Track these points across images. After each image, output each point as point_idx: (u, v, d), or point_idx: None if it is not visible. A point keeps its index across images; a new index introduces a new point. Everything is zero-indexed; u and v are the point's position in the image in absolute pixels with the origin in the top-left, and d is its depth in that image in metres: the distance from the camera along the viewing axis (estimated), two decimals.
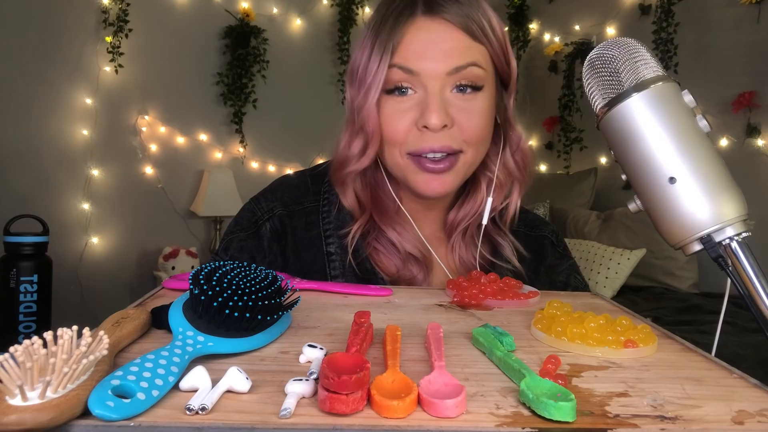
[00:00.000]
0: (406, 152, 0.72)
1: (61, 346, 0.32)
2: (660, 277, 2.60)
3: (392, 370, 0.38)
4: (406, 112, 0.71)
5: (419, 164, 0.71)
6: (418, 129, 0.70)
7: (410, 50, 0.70)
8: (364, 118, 0.72)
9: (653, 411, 0.35)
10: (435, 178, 0.72)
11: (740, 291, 0.47)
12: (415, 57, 0.69)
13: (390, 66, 0.70)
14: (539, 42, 3.80)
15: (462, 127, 0.71)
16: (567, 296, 0.72)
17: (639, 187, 0.51)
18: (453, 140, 0.70)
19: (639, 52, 0.51)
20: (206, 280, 0.43)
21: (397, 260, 0.78)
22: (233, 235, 0.80)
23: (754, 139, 2.52)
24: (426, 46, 0.70)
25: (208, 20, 3.19)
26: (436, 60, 0.69)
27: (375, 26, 0.73)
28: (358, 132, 0.74)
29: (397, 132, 0.71)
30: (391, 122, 0.71)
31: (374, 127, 0.72)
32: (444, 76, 0.69)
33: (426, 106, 0.69)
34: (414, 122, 0.70)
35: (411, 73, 0.70)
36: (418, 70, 0.69)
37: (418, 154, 0.71)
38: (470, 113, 0.71)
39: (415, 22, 0.70)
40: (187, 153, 3.21)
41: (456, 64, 0.69)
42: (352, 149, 0.75)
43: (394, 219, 0.78)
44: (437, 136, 0.69)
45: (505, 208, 0.81)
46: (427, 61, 0.69)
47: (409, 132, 0.71)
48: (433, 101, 0.69)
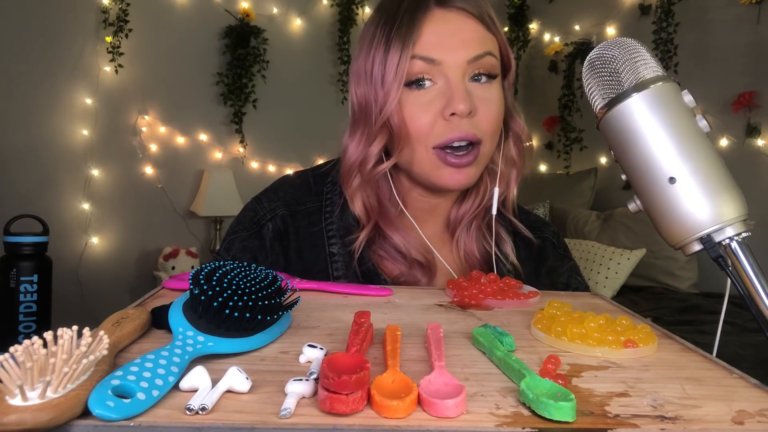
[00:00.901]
0: (433, 146, 0.71)
1: (61, 346, 0.32)
2: (660, 277, 2.60)
3: (392, 370, 0.38)
4: (429, 104, 0.71)
5: (444, 160, 0.71)
6: (444, 119, 0.70)
7: (430, 42, 0.70)
8: (387, 115, 0.71)
9: (653, 411, 0.35)
10: (459, 172, 0.72)
11: (740, 291, 0.47)
12: (435, 47, 0.70)
13: (411, 57, 0.70)
14: (539, 42, 3.80)
15: (482, 116, 0.71)
16: (567, 296, 0.72)
17: (639, 187, 0.51)
18: (477, 129, 0.71)
19: (639, 53, 0.51)
20: (206, 280, 0.43)
21: (402, 266, 0.78)
22: (235, 234, 0.80)
23: (754, 139, 2.52)
24: (445, 37, 0.70)
25: (208, 20, 3.19)
26: (455, 49, 0.70)
27: (386, 23, 0.72)
28: (378, 132, 0.73)
29: (423, 125, 0.71)
30: (416, 116, 0.71)
31: (400, 123, 0.71)
32: (465, 64, 0.70)
33: (451, 94, 0.69)
34: (438, 113, 0.70)
35: (432, 63, 0.70)
36: (440, 60, 0.70)
37: (445, 145, 0.71)
38: (489, 102, 0.72)
39: (432, 14, 0.71)
40: (187, 153, 3.21)
41: (475, 53, 0.70)
42: (372, 149, 0.74)
43: (398, 224, 0.78)
44: (463, 123, 0.70)
45: (505, 197, 0.82)
46: (448, 50, 0.70)
47: (434, 123, 0.71)
48: (458, 89, 0.69)
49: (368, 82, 0.73)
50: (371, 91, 0.73)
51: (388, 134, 0.73)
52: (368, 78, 0.73)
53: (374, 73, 0.72)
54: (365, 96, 0.74)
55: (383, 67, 0.71)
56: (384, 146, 0.74)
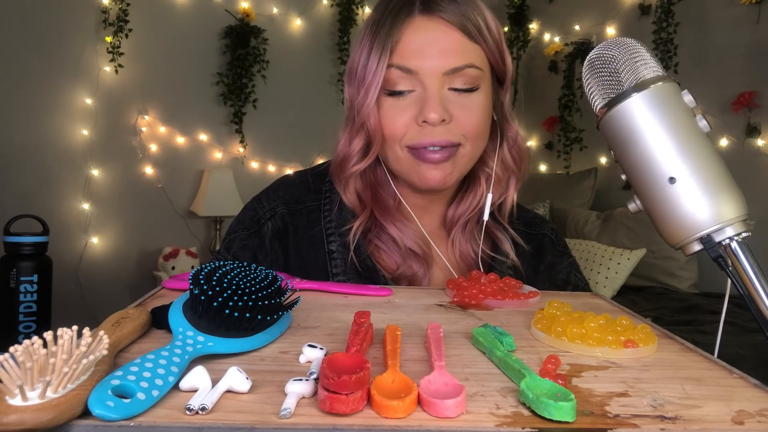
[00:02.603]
0: (406, 145, 0.73)
1: (61, 346, 0.32)
2: (660, 277, 2.60)
3: (392, 370, 0.38)
4: (405, 109, 0.72)
5: (419, 156, 0.72)
6: (417, 124, 0.71)
7: (408, 50, 0.71)
8: (364, 117, 0.73)
9: (653, 411, 0.35)
10: (435, 168, 0.73)
11: (740, 291, 0.47)
12: (412, 56, 0.70)
13: (388, 66, 0.71)
14: (539, 42, 3.80)
15: (460, 122, 0.72)
16: (567, 296, 0.72)
17: (639, 187, 0.51)
18: (452, 134, 0.72)
19: (639, 52, 0.51)
20: (206, 280, 0.43)
21: (397, 257, 0.78)
22: (235, 234, 0.81)
23: (754, 139, 2.52)
24: (423, 46, 0.70)
25: (208, 20, 3.19)
26: (433, 59, 0.70)
27: (373, 25, 0.73)
28: (358, 130, 0.75)
29: (396, 127, 0.72)
30: (391, 119, 0.73)
31: (375, 125, 0.73)
32: (440, 75, 0.70)
33: (425, 101, 0.70)
34: (413, 118, 0.72)
35: (409, 72, 0.71)
36: (416, 69, 0.70)
37: (418, 147, 0.72)
38: (468, 109, 0.72)
39: (413, 21, 0.71)
40: (187, 153, 3.21)
41: (453, 65, 0.70)
42: (353, 147, 0.76)
43: (394, 215, 0.79)
44: (436, 130, 0.71)
45: (503, 202, 0.82)
46: (425, 59, 0.70)
47: (408, 127, 0.72)
48: (431, 97, 0.70)
49: (354, 81, 0.75)
50: (355, 90, 0.75)
51: (367, 134, 0.75)
52: (353, 77, 0.75)
53: (357, 74, 0.74)
54: (352, 94, 0.76)
55: (364, 71, 0.73)
56: (365, 145, 0.76)
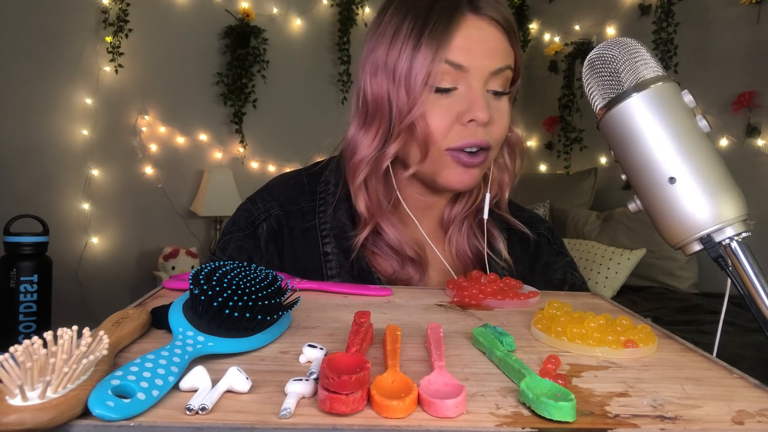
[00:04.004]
0: (446, 147, 0.71)
1: (61, 346, 0.32)
2: (660, 277, 2.60)
3: (392, 370, 0.38)
4: (448, 108, 0.71)
5: (457, 159, 0.72)
6: (461, 124, 0.71)
7: (461, 47, 0.70)
8: (415, 117, 0.70)
9: (653, 411, 0.35)
10: (466, 172, 0.73)
11: (740, 291, 0.47)
12: (464, 53, 0.70)
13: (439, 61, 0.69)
14: (539, 42, 3.80)
15: (495, 126, 0.72)
16: (567, 296, 0.72)
17: (639, 187, 0.51)
18: (489, 137, 0.72)
19: (639, 52, 0.51)
20: (206, 280, 0.43)
21: (394, 262, 0.78)
22: (230, 235, 0.80)
23: (754, 139, 2.52)
24: (474, 44, 0.70)
25: (208, 20, 3.19)
26: (482, 57, 0.70)
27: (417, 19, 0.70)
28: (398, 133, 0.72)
29: (442, 127, 0.71)
30: (437, 118, 0.71)
31: (425, 129, 0.70)
32: (488, 74, 0.71)
33: (473, 101, 0.70)
34: (456, 117, 0.70)
35: (460, 69, 0.70)
36: (468, 66, 0.70)
37: (459, 148, 0.71)
38: (501, 113, 0.73)
39: (466, 19, 0.71)
40: (187, 153, 3.21)
41: (498, 65, 0.71)
42: (388, 150, 0.73)
43: (392, 219, 0.78)
44: (479, 130, 0.71)
45: (499, 200, 0.83)
46: (476, 58, 0.70)
47: (451, 127, 0.71)
48: (479, 97, 0.70)
49: (389, 78, 0.72)
50: (393, 88, 0.71)
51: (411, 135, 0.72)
52: (389, 73, 0.71)
53: (398, 70, 0.70)
54: (385, 91, 0.72)
55: (409, 66, 0.70)
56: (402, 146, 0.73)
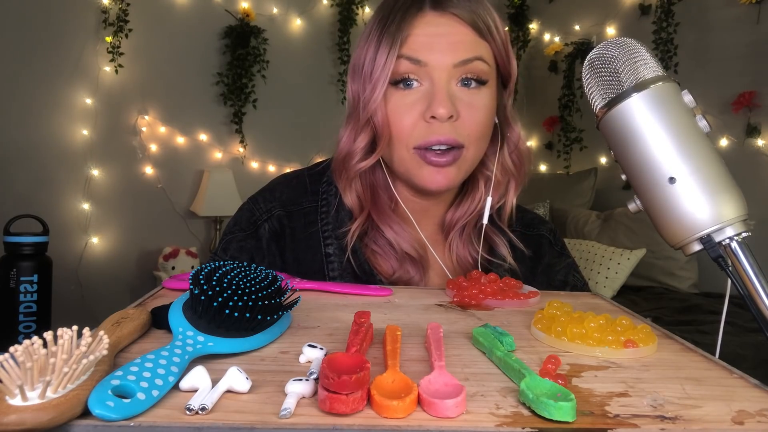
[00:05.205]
0: (413, 146, 0.72)
1: (61, 346, 0.32)
2: (660, 277, 2.60)
3: (392, 370, 0.38)
4: (412, 105, 0.71)
5: (424, 158, 0.72)
6: (425, 121, 0.71)
7: (418, 42, 0.70)
8: (371, 111, 0.72)
9: (653, 411, 0.35)
10: (439, 172, 0.72)
11: (740, 291, 0.47)
12: (422, 48, 0.70)
13: (397, 57, 0.70)
14: (539, 42, 3.80)
15: (465, 121, 0.71)
16: (567, 296, 0.72)
17: (639, 187, 0.51)
18: (458, 134, 0.71)
19: (639, 53, 0.51)
20: (206, 280, 0.43)
21: (393, 261, 0.78)
22: (232, 235, 0.80)
23: (754, 139, 2.52)
24: (434, 39, 0.70)
25: (208, 20, 3.19)
26: (443, 52, 0.70)
27: (381, 20, 0.73)
28: (363, 127, 0.74)
29: (404, 125, 0.72)
30: (398, 116, 0.72)
31: (383, 120, 0.72)
32: (450, 68, 0.70)
33: (433, 97, 0.70)
34: (420, 115, 0.71)
35: (418, 64, 0.70)
36: (426, 61, 0.70)
37: (425, 147, 0.71)
38: (474, 108, 0.72)
39: (424, 16, 0.71)
40: (187, 153, 3.21)
41: (462, 57, 0.70)
42: (357, 144, 0.75)
43: (392, 218, 0.78)
44: (444, 127, 0.70)
45: (502, 206, 0.82)
46: (435, 52, 0.70)
47: (416, 125, 0.71)
48: (440, 92, 0.70)
49: (359, 77, 0.74)
50: (361, 86, 0.74)
51: (373, 131, 0.74)
52: (359, 71, 0.74)
53: (364, 69, 0.73)
54: (356, 90, 0.75)
55: (372, 64, 0.72)
56: (369, 142, 0.75)
